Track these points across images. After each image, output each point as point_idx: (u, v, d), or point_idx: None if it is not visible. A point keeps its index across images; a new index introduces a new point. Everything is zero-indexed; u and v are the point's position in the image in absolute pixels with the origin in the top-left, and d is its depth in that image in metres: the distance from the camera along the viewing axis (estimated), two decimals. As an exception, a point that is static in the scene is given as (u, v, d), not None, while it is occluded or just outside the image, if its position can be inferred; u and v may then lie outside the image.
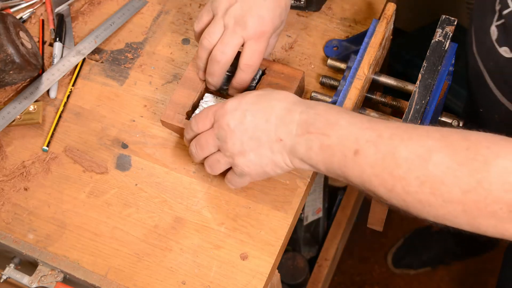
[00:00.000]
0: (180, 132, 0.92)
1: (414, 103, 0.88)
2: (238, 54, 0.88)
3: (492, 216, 0.62)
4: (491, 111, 0.92)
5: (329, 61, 0.98)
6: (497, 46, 0.82)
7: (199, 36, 0.90)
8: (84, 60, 1.02)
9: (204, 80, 0.92)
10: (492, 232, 0.64)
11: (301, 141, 0.74)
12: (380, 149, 0.68)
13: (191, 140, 0.84)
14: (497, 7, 0.82)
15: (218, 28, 0.85)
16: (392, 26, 0.98)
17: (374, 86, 0.97)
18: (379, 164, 0.68)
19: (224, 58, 0.85)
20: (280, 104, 0.76)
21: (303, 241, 1.61)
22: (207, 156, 0.82)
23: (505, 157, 0.62)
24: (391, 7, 0.94)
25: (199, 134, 0.82)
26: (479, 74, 0.90)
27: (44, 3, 1.08)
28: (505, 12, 0.81)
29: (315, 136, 0.72)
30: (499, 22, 0.82)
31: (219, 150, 0.81)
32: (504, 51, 0.81)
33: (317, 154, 0.73)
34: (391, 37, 1.02)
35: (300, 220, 1.54)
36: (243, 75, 0.87)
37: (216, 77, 0.88)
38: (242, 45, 0.86)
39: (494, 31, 0.83)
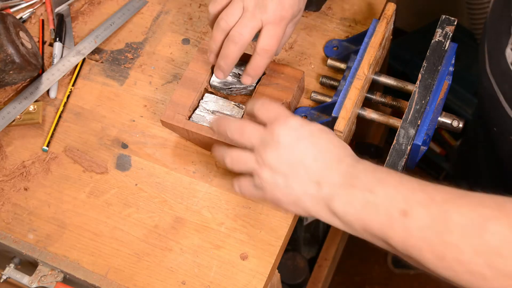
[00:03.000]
0: (180, 132, 0.92)
1: (414, 103, 0.88)
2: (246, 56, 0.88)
3: None
4: (505, 133, 0.90)
5: (329, 61, 0.98)
6: (506, 56, 0.81)
7: (214, 18, 0.86)
8: (84, 60, 1.02)
9: (208, 78, 0.92)
10: None
11: (342, 193, 0.68)
12: (431, 213, 0.63)
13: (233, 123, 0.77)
14: None
15: (238, 9, 0.82)
16: (392, 26, 0.98)
17: (374, 86, 0.97)
18: (429, 228, 0.63)
19: (242, 40, 0.82)
20: (335, 150, 0.72)
21: (303, 241, 1.61)
22: (236, 149, 0.76)
23: None
24: (391, 7, 0.94)
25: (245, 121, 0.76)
26: (493, 95, 0.89)
27: (44, 3, 1.08)
28: None
29: (360, 192, 0.67)
30: None
31: (252, 150, 0.75)
32: None
33: (357, 211, 0.67)
34: (391, 37, 1.02)
35: (300, 220, 1.54)
36: (258, 60, 0.84)
37: (230, 60, 0.84)
38: (259, 31, 0.84)
39: (509, 54, 0.80)
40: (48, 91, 1.00)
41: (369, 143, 1.61)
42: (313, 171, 0.70)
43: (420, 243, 0.63)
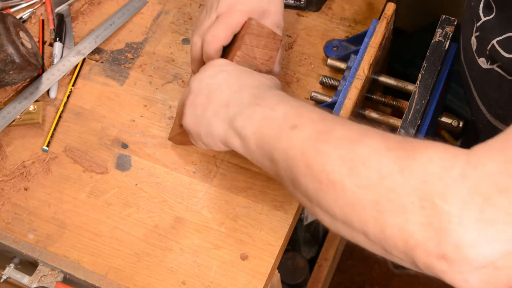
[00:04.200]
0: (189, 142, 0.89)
1: (414, 103, 0.88)
2: None
3: (402, 212, 0.55)
4: (477, 120, 0.91)
5: (329, 61, 0.98)
6: (476, 57, 0.82)
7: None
8: (84, 60, 1.02)
9: None
10: (396, 238, 0.56)
11: (246, 111, 0.71)
12: (318, 128, 0.64)
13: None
14: (475, 19, 0.83)
15: (206, 21, 0.85)
16: (392, 26, 0.98)
17: (374, 86, 0.97)
18: (310, 139, 0.63)
19: (207, 40, 0.84)
20: (253, 81, 0.75)
21: (303, 241, 1.61)
22: None
23: (433, 148, 0.56)
24: (391, 7, 0.94)
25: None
26: (466, 83, 0.90)
27: (44, 3, 1.08)
28: (478, 24, 0.81)
29: (261, 108, 0.70)
30: (476, 34, 0.83)
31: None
32: (481, 62, 0.81)
33: (254, 124, 0.69)
34: (391, 37, 1.02)
35: (300, 220, 1.54)
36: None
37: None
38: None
39: (474, 42, 0.83)
40: (48, 91, 1.00)
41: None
42: (225, 95, 0.74)
43: (297, 152, 0.63)
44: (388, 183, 0.56)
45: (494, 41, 0.77)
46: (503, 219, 0.50)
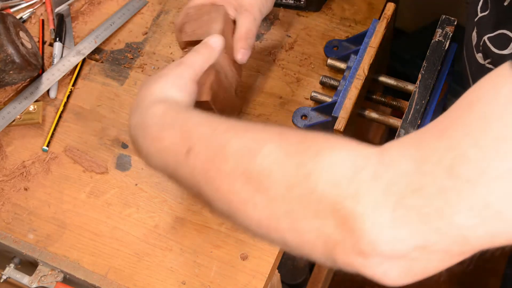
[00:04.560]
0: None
1: (414, 103, 0.88)
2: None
3: (315, 217, 0.54)
4: None
5: (329, 61, 0.98)
6: (475, 52, 0.82)
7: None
8: (84, 60, 1.02)
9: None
10: (314, 242, 0.55)
11: (139, 145, 0.69)
12: (212, 144, 0.61)
13: None
14: (474, 14, 0.83)
15: None
16: (392, 26, 0.98)
17: (374, 86, 0.97)
18: (209, 160, 0.60)
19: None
20: (142, 93, 0.73)
21: (303, 241, 1.61)
22: None
23: (339, 149, 0.55)
24: (391, 7, 0.94)
25: None
26: (466, 79, 0.91)
27: (44, 3, 1.08)
28: (475, 19, 0.82)
29: (149, 142, 0.67)
30: (475, 29, 0.83)
31: None
32: (479, 57, 0.81)
33: (155, 159, 0.67)
34: (391, 37, 1.02)
35: (300, 220, 1.54)
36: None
37: None
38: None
39: (474, 37, 0.83)
40: (48, 91, 1.00)
41: (369, 143, 1.61)
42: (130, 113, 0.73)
43: (201, 178, 0.61)
44: (297, 192, 0.55)
45: (485, 37, 0.77)
46: (416, 218, 0.50)
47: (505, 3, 0.74)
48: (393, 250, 0.51)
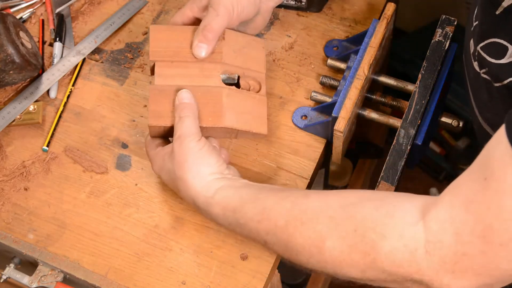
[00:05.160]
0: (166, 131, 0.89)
1: (414, 103, 0.88)
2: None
3: (394, 281, 0.69)
4: (472, 121, 0.92)
5: (329, 61, 0.98)
6: (472, 59, 0.83)
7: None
8: (84, 60, 1.02)
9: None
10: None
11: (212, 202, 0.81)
12: (280, 238, 0.75)
13: None
14: (471, 23, 0.84)
15: None
16: (392, 26, 0.98)
17: (374, 86, 0.97)
18: (284, 251, 0.76)
19: None
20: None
21: (303, 241, 1.61)
22: None
23: (390, 237, 0.68)
24: (391, 7, 0.94)
25: None
26: (466, 83, 0.91)
27: (44, 3, 1.08)
28: (472, 28, 0.82)
29: (232, 228, 0.82)
30: (472, 37, 0.83)
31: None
32: (476, 65, 0.82)
33: (224, 220, 0.81)
34: (391, 37, 1.02)
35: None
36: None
37: None
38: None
39: (472, 45, 0.83)
40: (48, 91, 1.00)
41: (369, 143, 1.61)
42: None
43: (285, 259, 0.78)
44: (371, 273, 0.70)
45: (478, 47, 0.79)
46: (471, 272, 0.64)
47: (497, 12, 0.74)
48: None
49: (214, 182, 0.81)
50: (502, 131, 0.61)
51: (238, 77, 0.90)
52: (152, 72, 0.89)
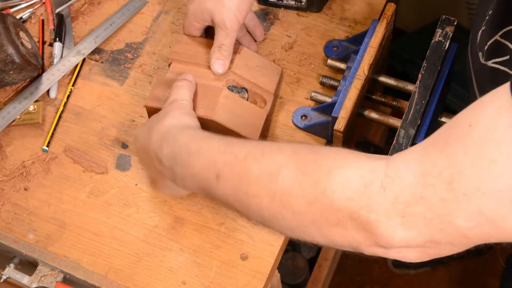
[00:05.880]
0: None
1: (414, 103, 0.88)
2: None
3: (337, 225, 0.64)
4: None
5: (329, 61, 0.98)
6: (478, 50, 0.83)
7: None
8: (84, 60, 1.02)
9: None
10: (341, 242, 0.66)
11: (175, 172, 0.78)
12: (236, 170, 0.71)
13: None
14: (486, 12, 0.83)
15: None
16: (392, 26, 0.98)
17: (374, 86, 0.97)
18: (236, 185, 0.71)
19: None
20: (160, 130, 0.81)
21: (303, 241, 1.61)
22: None
23: (348, 166, 0.64)
24: (391, 7, 0.94)
25: None
26: (469, 77, 0.90)
27: (44, 3, 1.08)
28: (485, 18, 0.81)
29: (182, 168, 0.77)
30: (483, 27, 0.83)
31: None
32: (481, 56, 0.82)
33: (190, 182, 0.77)
34: (391, 37, 1.02)
35: (300, 220, 1.54)
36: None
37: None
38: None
39: (480, 35, 0.83)
40: (48, 91, 1.00)
41: (369, 143, 1.61)
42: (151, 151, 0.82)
43: (232, 198, 0.72)
44: (317, 206, 0.64)
45: (497, 36, 0.78)
46: (422, 222, 0.59)
47: None
48: (407, 245, 0.61)
49: (192, 127, 0.82)
50: (504, 87, 0.56)
51: (246, 90, 0.91)
52: None
